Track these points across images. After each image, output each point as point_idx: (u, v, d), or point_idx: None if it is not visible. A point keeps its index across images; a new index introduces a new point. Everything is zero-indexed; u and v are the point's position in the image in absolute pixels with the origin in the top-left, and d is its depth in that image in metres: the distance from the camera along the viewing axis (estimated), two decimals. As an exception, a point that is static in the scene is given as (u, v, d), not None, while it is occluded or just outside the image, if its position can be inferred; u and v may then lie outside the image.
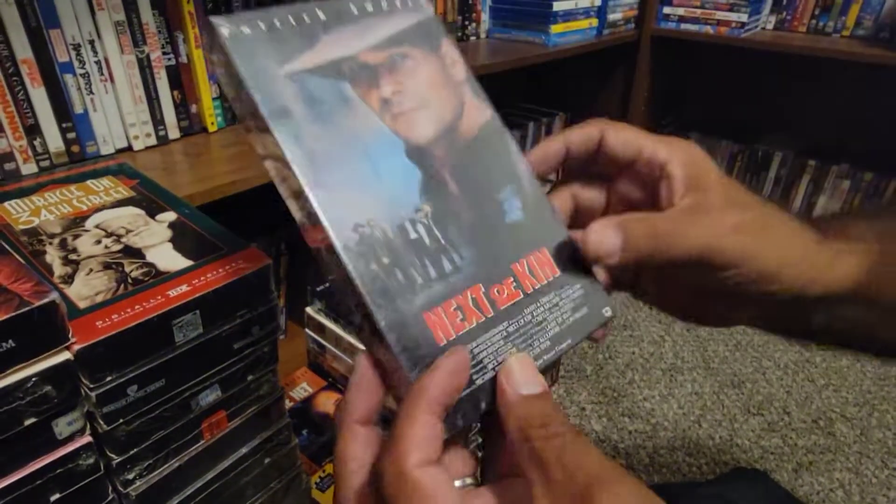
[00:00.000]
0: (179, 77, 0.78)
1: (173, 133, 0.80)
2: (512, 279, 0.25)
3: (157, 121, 0.77)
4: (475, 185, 0.26)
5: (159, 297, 0.35)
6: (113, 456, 0.35)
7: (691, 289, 0.30)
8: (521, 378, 0.23)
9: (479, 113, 0.28)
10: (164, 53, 0.76)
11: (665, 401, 1.08)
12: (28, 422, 0.30)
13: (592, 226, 0.26)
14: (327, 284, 0.78)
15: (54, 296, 0.29)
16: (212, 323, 0.38)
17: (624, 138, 0.29)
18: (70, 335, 0.30)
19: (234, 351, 0.40)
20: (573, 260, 0.27)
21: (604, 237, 0.26)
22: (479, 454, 0.25)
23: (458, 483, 0.22)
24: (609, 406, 1.06)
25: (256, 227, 0.94)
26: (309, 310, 0.77)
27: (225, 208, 0.64)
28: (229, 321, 0.39)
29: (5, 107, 0.64)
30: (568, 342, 0.25)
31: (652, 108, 1.64)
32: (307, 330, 0.79)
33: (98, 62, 0.70)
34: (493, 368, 0.23)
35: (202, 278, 0.37)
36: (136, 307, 0.34)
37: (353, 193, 0.23)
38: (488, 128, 0.28)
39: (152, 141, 0.78)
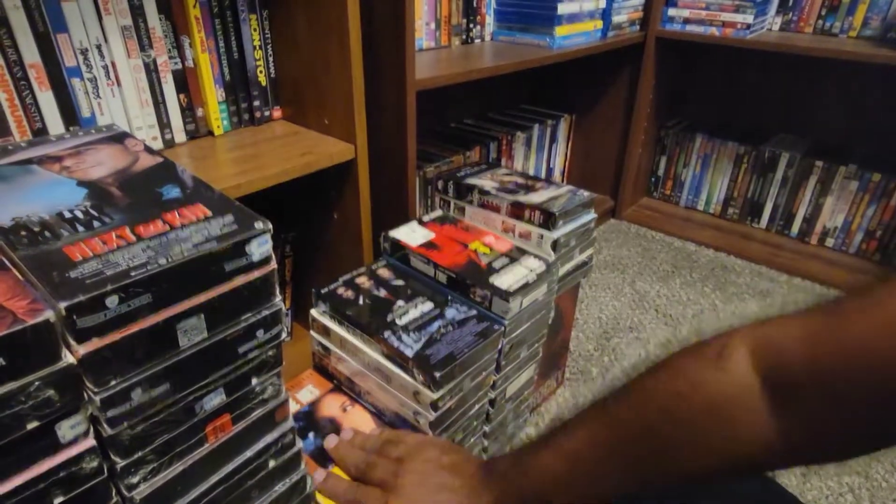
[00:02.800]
0: (185, 81, 0.79)
1: (179, 137, 0.80)
2: (160, 221, 0.37)
3: (164, 124, 0.78)
4: (137, 187, 0.41)
5: (163, 301, 0.35)
6: (117, 459, 0.35)
7: None
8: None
9: (151, 160, 0.45)
10: (170, 58, 0.76)
11: (671, 404, 1.07)
12: (31, 425, 0.30)
13: None
14: (331, 287, 0.78)
15: (48, 314, 0.29)
16: (216, 327, 0.38)
17: None
18: (63, 353, 0.30)
19: (238, 355, 0.40)
20: (225, 205, 0.40)
21: None
22: None
23: None
24: (615, 409, 1.06)
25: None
26: (314, 312, 0.77)
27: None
28: (234, 325, 0.39)
29: (13, 111, 0.65)
30: (213, 244, 0.35)
31: (657, 110, 1.64)
32: (312, 332, 0.79)
33: (105, 66, 0.70)
34: (128, 265, 0.32)
35: (206, 282, 0.37)
36: (140, 311, 0.34)
37: (18, 204, 0.38)
38: (156, 165, 0.45)
39: (158, 144, 0.78)
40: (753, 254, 1.53)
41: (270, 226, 0.38)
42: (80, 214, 0.37)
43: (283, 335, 0.43)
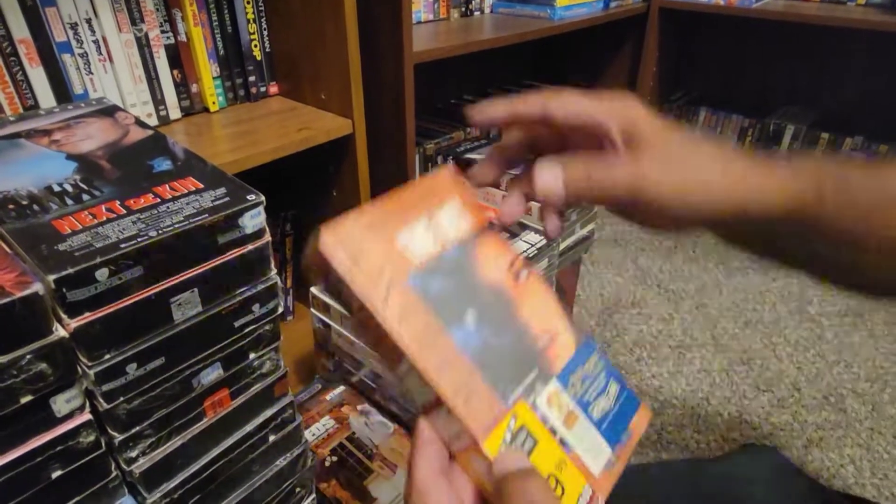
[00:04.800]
0: (179, 56, 0.77)
1: (174, 113, 0.79)
2: (150, 194, 0.37)
3: (158, 101, 0.77)
4: (127, 160, 0.41)
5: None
6: (115, 434, 0.35)
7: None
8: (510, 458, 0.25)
9: (141, 133, 0.45)
10: (162, 32, 0.75)
11: (674, 378, 1.08)
12: (24, 399, 0.30)
13: (539, 162, 0.31)
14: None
15: (37, 287, 0.28)
16: (211, 301, 0.37)
17: (565, 109, 0.32)
18: (54, 326, 0.30)
19: (234, 329, 0.40)
20: (218, 178, 0.40)
21: (548, 177, 0.31)
22: None
23: None
24: (617, 384, 1.06)
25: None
26: (314, 290, 0.77)
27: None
28: (229, 299, 0.39)
29: (4, 87, 0.64)
30: (205, 216, 0.35)
31: (661, 82, 1.61)
32: (312, 310, 0.79)
33: (96, 41, 0.69)
34: (117, 237, 0.32)
35: (199, 255, 0.37)
36: (133, 284, 0.34)
37: (6, 178, 0.38)
38: (147, 138, 0.45)
39: (153, 121, 0.77)
40: (757, 228, 1.52)
41: (263, 198, 0.38)
42: (69, 188, 0.36)
43: (280, 309, 0.43)
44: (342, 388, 0.79)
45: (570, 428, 0.29)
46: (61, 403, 0.32)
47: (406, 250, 0.28)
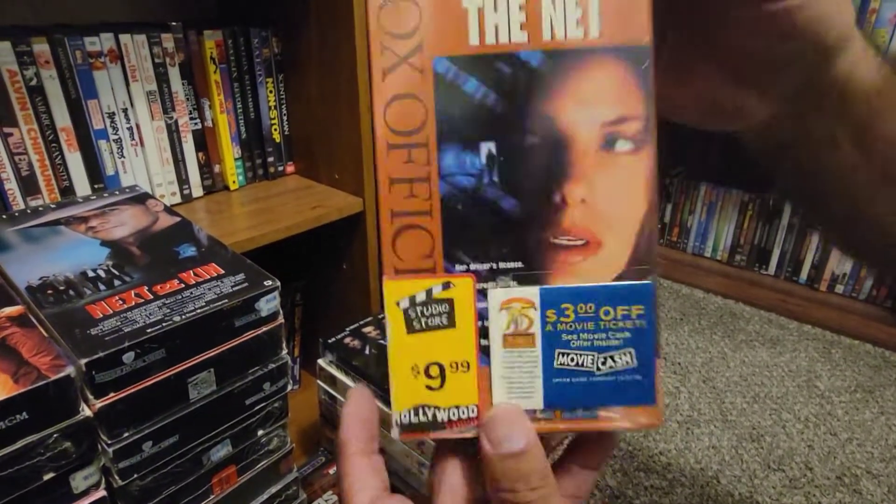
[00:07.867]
0: (204, 140, 0.83)
1: (197, 191, 0.84)
2: (176, 280, 0.41)
3: (182, 180, 0.82)
4: (156, 246, 0.45)
5: (176, 356, 0.37)
6: (126, 510, 0.37)
7: (714, 41, 0.27)
8: (502, 433, 0.21)
9: (169, 220, 0.50)
10: (191, 119, 0.81)
11: (682, 455, 1.06)
12: (47, 476, 0.32)
13: None
14: (338, 337, 0.79)
15: (70, 370, 0.31)
16: (225, 380, 0.40)
17: None
18: (81, 407, 0.32)
19: (245, 407, 0.42)
20: (238, 264, 0.43)
21: None
22: None
23: None
24: (624, 461, 1.04)
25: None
26: (321, 362, 0.79)
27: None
28: (242, 378, 0.41)
29: (43, 171, 0.69)
30: (225, 301, 0.39)
31: (661, 157, 1.67)
32: (319, 381, 0.80)
33: (130, 128, 0.75)
34: (144, 322, 0.35)
35: (216, 337, 0.39)
36: (154, 366, 0.36)
37: (46, 263, 0.42)
38: (174, 225, 0.49)
39: (177, 199, 0.82)
40: (762, 300, 1.53)
41: (279, 283, 0.40)
42: (102, 273, 0.40)
43: (289, 388, 0.45)
44: (346, 461, 0.79)
45: (507, 347, 0.21)
46: (79, 480, 0.34)
47: (468, 19, 0.20)
